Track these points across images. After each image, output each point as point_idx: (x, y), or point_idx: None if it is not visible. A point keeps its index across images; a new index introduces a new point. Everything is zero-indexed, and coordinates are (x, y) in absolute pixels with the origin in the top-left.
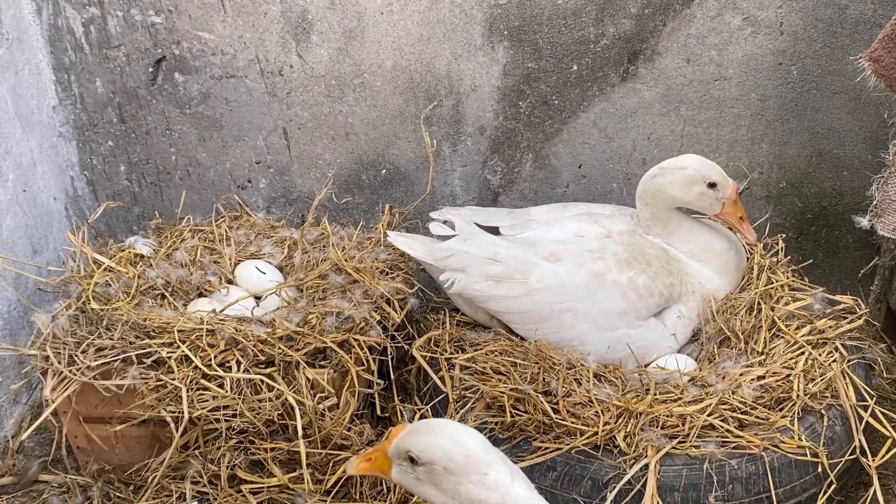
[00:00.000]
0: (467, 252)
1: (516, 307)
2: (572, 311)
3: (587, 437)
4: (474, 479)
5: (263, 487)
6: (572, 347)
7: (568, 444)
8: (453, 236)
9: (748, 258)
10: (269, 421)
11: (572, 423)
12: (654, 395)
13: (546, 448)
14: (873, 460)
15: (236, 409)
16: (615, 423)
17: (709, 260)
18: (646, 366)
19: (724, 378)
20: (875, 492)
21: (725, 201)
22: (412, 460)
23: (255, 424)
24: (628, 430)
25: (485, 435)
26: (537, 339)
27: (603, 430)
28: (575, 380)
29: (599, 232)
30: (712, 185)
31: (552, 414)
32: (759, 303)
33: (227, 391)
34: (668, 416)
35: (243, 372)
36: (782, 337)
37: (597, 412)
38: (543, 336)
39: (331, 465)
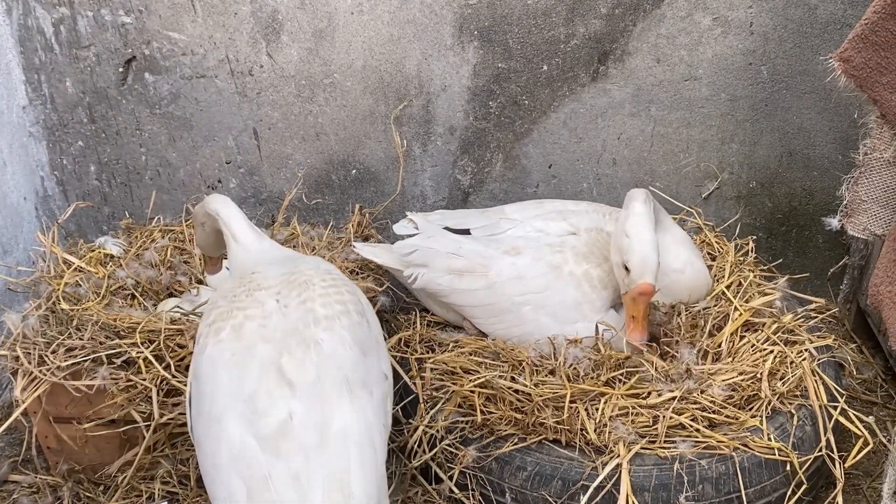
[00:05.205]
0: (430, 247)
1: (478, 300)
2: (531, 304)
3: (557, 419)
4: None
5: None
6: (535, 342)
7: (540, 436)
8: (417, 234)
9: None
10: None
11: (542, 399)
12: (631, 384)
13: (512, 435)
14: (842, 460)
15: None
16: (586, 402)
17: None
18: None
19: (691, 376)
20: (838, 495)
21: (629, 291)
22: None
23: None
24: (598, 418)
25: (455, 434)
26: (498, 336)
27: (570, 408)
28: (549, 373)
29: (566, 229)
30: (627, 268)
31: (519, 387)
32: (727, 302)
33: None
34: (637, 413)
35: None
36: (751, 335)
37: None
38: (505, 330)
39: None
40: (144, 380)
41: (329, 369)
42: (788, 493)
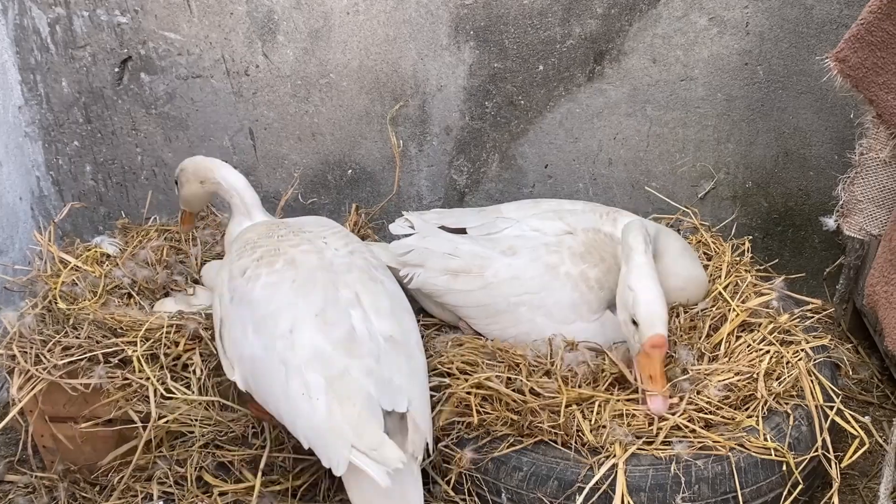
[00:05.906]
0: (426, 248)
1: (473, 301)
2: (528, 305)
3: (553, 423)
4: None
5: (229, 490)
6: (531, 343)
7: (535, 438)
8: (413, 234)
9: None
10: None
11: (539, 405)
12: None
13: (508, 435)
14: (839, 460)
15: (205, 412)
16: (582, 406)
17: None
18: None
19: (688, 377)
20: (834, 495)
21: (641, 346)
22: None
23: (221, 429)
24: (594, 420)
25: (452, 435)
26: (494, 337)
27: (566, 411)
28: (545, 373)
29: (562, 228)
30: (635, 323)
31: (516, 396)
32: (724, 303)
33: (193, 392)
34: (633, 414)
35: (211, 371)
36: (747, 335)
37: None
38: (501, 330)
39: (298, 467)
40: (141, 378)
41: (398, 301)
42: (785, 493)
